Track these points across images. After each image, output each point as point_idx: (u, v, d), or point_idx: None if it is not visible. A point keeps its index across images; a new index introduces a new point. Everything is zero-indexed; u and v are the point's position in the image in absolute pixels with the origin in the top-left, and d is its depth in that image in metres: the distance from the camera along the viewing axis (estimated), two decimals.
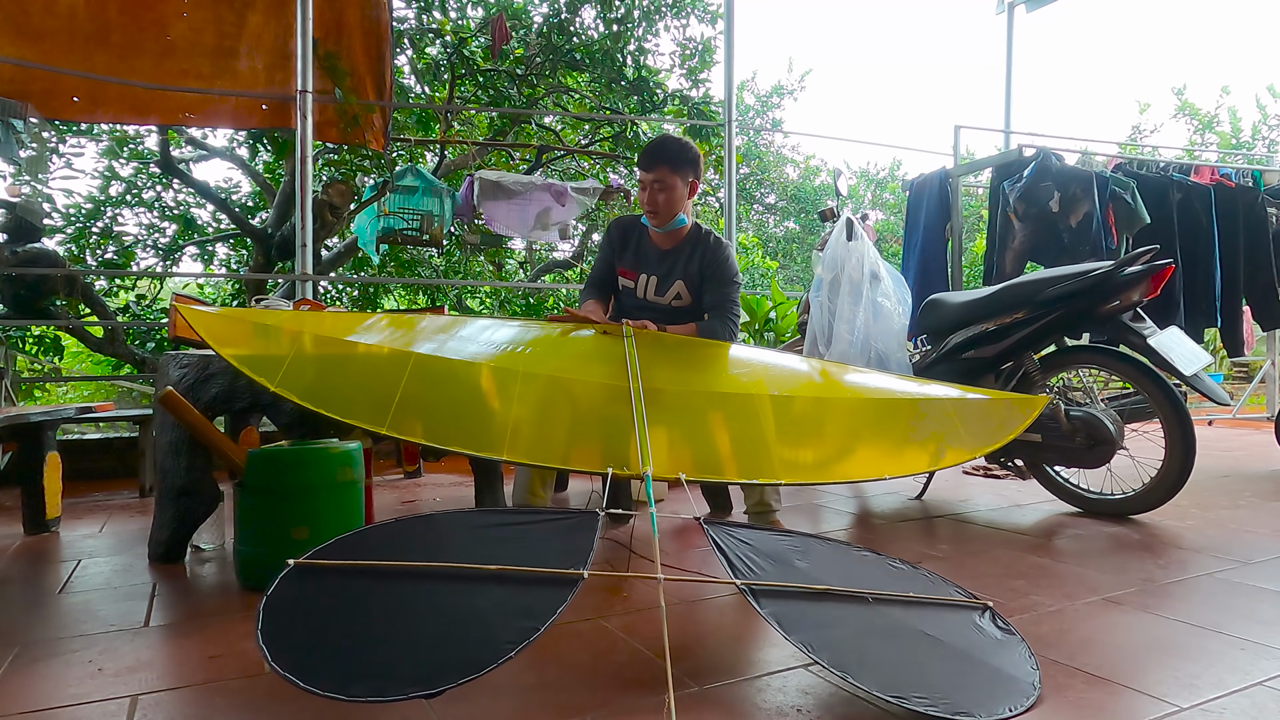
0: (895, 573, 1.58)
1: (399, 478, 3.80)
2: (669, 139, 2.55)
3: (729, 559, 1.42)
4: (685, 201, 2.50)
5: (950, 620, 1.46)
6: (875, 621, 1.39)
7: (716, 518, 2.78)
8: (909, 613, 1.45)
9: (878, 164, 15.52)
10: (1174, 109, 13.10)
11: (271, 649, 1.18)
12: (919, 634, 1.39)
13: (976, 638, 1.43)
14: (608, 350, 2.14)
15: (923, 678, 1.26)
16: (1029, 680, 1.32)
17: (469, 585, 1.33)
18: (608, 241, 2.68)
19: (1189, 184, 4.43)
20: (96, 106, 4.21)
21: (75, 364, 8.15)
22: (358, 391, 1.86)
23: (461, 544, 1.44)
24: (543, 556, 1.38)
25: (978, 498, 3.13)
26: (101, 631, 1.70)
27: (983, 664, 1.35)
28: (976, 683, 1.29)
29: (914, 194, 5.01)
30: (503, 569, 1.34)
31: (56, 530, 2.70)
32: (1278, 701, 1.30)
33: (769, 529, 1.65)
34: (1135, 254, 2.62)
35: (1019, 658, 1.39)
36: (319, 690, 1.11)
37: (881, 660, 1.30)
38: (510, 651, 1.18)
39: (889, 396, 2.24)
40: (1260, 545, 2.33)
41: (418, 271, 7.29)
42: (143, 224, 6.73)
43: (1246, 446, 4.58)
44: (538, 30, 6.13)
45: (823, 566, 1.51)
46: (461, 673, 1.15)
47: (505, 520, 1.54)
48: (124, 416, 3.61)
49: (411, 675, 1.16)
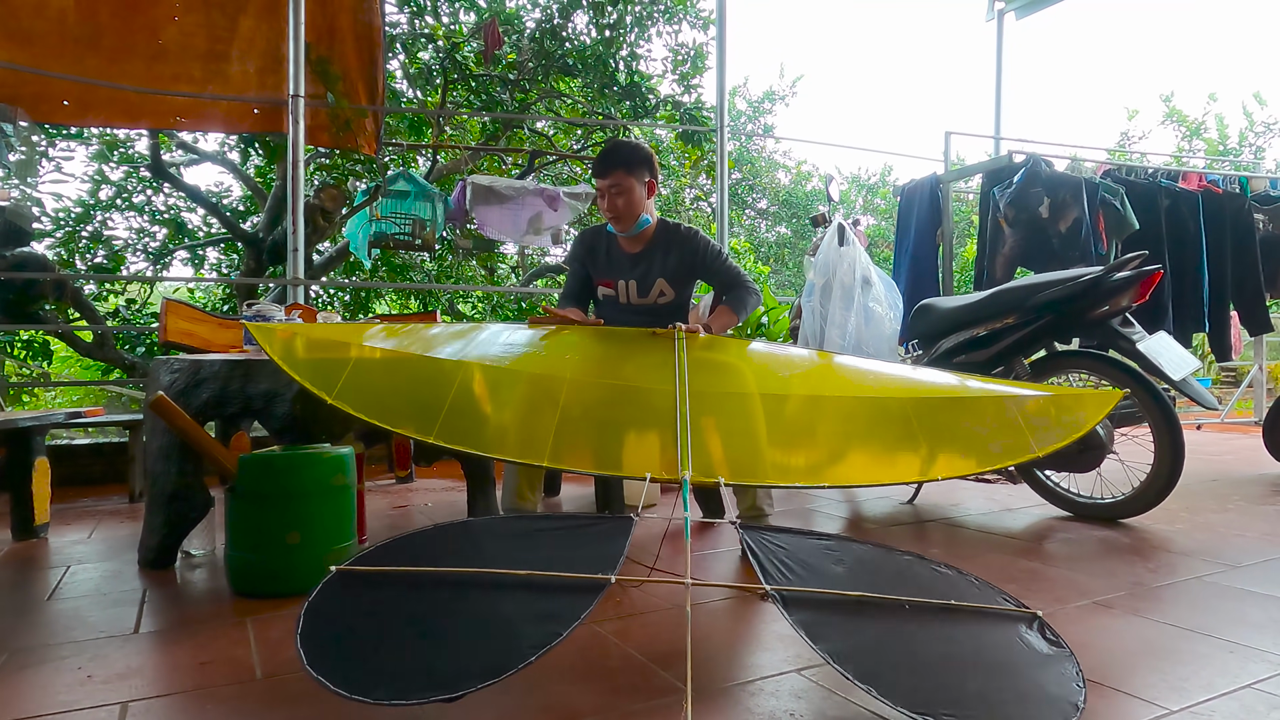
0: (939, 578, 1.51)
1: (391, 483, 3.79)
2: (619, 142, 2.55)
3: (761, 563, 1.41)
4: (646, 202, 2.50)
5: (994, 630, 1.38)
6: (910, 631, 1.34)
7: (707, 521, 2.78)
8: (949, 621, 1.37)
9: (869, 170, 15.54)
10: (1162, 116, 13.20)
11: (307, 651, 1.22)
12: (957, 645, 1.33)
13: (1020, 650, 1.34)
14: (653, 355, 2.16)
15: (955, 693, 1.21)
16: (1071, 700, 1.22)
17: (498, 590, 1.36)
18: (576, 255, 2.67)
19: (1177, 190, 4.47)
20: (87, 110, 4.19)
21: (64, 369, 8.10)
22: (408, 402, 1.92)
23: (496, 550, 1.48)
24: (573, 561, 1.40)
25: (969, 502, 3.14)
26: (91, 638, 1.69)
27: (1023, 680, 1.27)
28: (1014, 700, 1.22)
29: (905, 199, 5.03)
30: (531, 574, 1.37)
31: (45, 536, 2.68)
32: (1266, 704, 1.31)
33: (807, 532, 1.62)
34: (1124, 260, 2.64)
35: (1065, 674, 1.29)
36: (345, 692, 1.15)
37: (912, 673, 1.25)
38: (531, 656, 1.20)
39: (950, 394, 2.13)
40: (1249, 549, 2.35)
41: (410, 276, 7.28)
42: (133, 228, 6.70)
43: (1235, 451, 4.61)
44: (530, 35, 6.14)
45: (860, 571, 1.47)
46: (482, 677, 1.18)
47: (541, 526, 1.56)
48: (114, 421, 3.59)
49: (433, 679, 1.19)
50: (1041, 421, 1.99)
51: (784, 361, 2.37)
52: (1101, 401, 2.05)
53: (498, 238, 5.03)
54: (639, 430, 1.92)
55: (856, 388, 2.21)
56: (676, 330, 2.23)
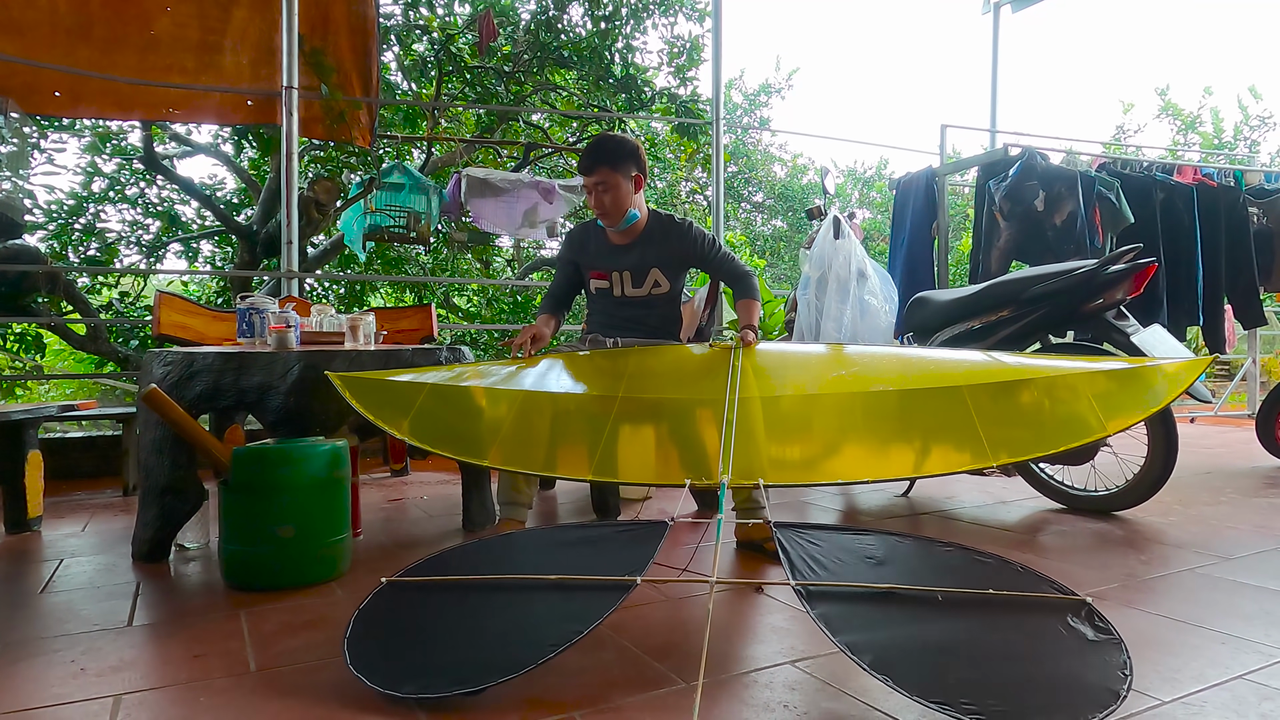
0: (980, 568, 1.48)
1: (386, 476, 3.79)
2: (604, 138, 2.54)
3: (791, 560, 1.43)
4: (633, 196, 2.49)
5: (1035, 618, 1.35)
6: (941, 621, 1.33)
7: (704, 516, 2.78)
8: (986, 611, 1.36)
9: (865, 163, 15.53)
10: (1157, 109, 13.23)
11: (351, 652, 1.37)
12: (990, 634, 1.31)
13: (1062, 638, 1.30)
14: (705, 364, 2.26)
15: (979, 682, 1.20)
16: (1112, 688, 1.18)
17: (530, 594, 1.47)
18: (565, 255, 2.67)
19: (1172, 184, 4.46)
20: (79, 101, 4.16)
21: (57, 362, 8.06)
22: (466, 432, 2.08)
23: (533, 557, 1.61)
24: (605, 565, 1.49)
25: (963, 495, 3.15)
26: (84, 631, 1.69)
27: (1060, 668, 1.25)
28: (1045, 689, 1.20)
29: (901, 193, 5.03)
30: (562, 578, 1.47)
31: (38, 529, 2.67)
32: (1258, 695, 1.31)
33: (845, 528, 1.63)
34: (1118, 253, 2.65)
35: (1109, 662, 1.24)
36: (378, 687, 1.29)
37: (933, 663, 1.24)
38: (551, 653, 1.28)
39: (1007, 377, 2.03)
40: (1241, 541, 2.36)
41: (404, 269, 7.25)
42: (126, 220, 6.65)
43: (1228, 444, 4.63)
44: (525, 27, 6.11)
45: (895, 565, 1.48)
46: (503, 671, 1.28)
47: (579, 534, 1.69)
48: (107, 415, 3.58)
49: (457, 675, 1.30)
50: (1109, 397, 1.90)
51: (834, 360, 2.36)
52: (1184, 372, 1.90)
53: (493, 230, 5.02)
54: (680, 438, 2.03)
55: (907, 380, 2.16)
56: (736, 340, 2.29)
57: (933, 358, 2.34)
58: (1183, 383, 1.86)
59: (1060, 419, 1.88)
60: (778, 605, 1.82)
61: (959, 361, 2.24)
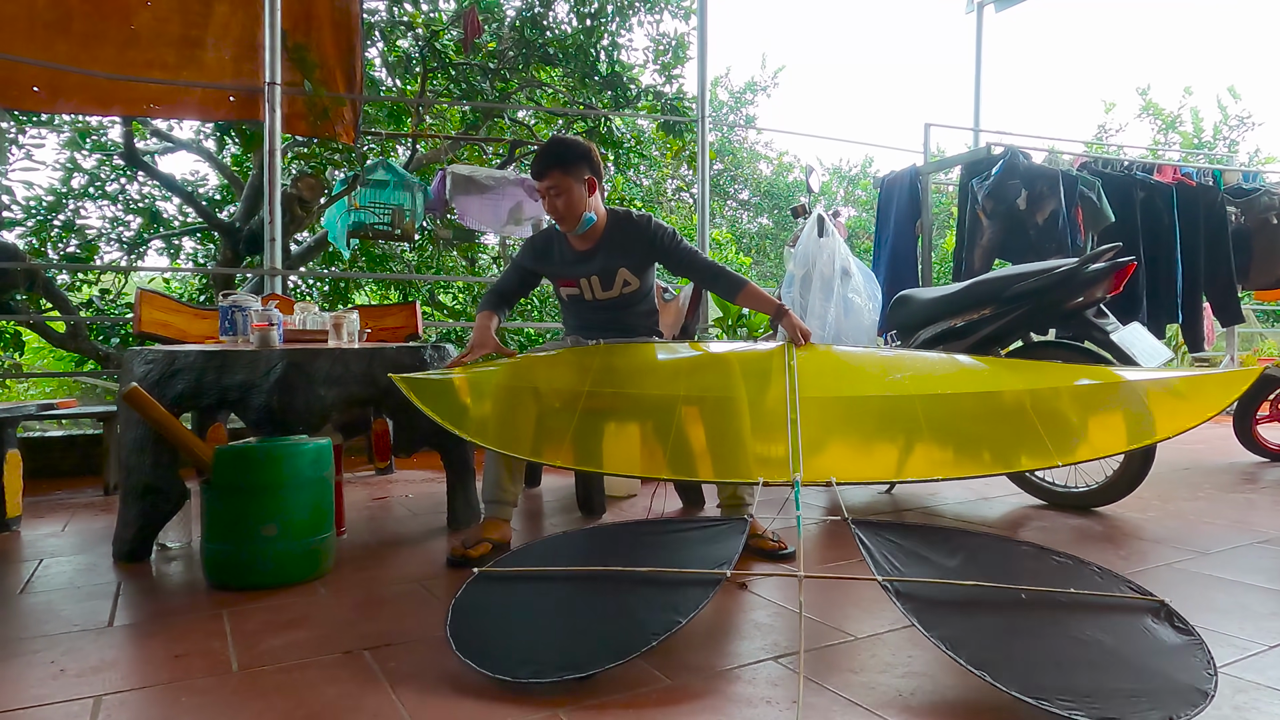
0: (1058, 568, 1.51)
1: (370, 474, 3.77)
2: (556, 141, 2.47)
3: (874, 556, 1.46)
4: (588, 199, 2.43)
5: (1116, 619, 1.37)
6: (1026, 620, 1.35)
7: (690, 513, 2.79)
8: (1067, 611, 1.38)
9: (850, 161, 15.57)
10: (1138, 109, 13.37)
11: (455, 640, 1.42)
12: (1075, 633, 1.33)
13: (1145, 639, 1.33)
14: (760, 365, 2.31)
15: (1071, 680, 1.21)
16: (1200, 687, 1.21)
17: (622, 585, 1.52)
18: (527, 259, 2.61)
19: (1152, 183, 4.51)
20: (57, 96, 4.10)
21: (37, 360, 7.97)
22: (529, 431, 2.14)
23: (620, 551, 1.65)
24: (691, 559, 1.56)
25: (946, 491, 3.17)
26: (64, 632, 1.67)
27: (1146, 668, 1.26)
28: (1135, 688, 1.21)
29: (885, 191, 5.05)
30: (653, 571, 1.52)
31: (17, 529, 2.64)
32: (1232, 687, 1.34)
33: (919, 526, 1.64)
34: (1098, 251, 2.67)
35: (1193, 662, 1.27)
36: (492, 673, 1.33)
37: (1026, 660, 1.26)
38: (653, 641, 1.34)
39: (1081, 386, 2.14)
40: (1218, 536, 2.39)
41: (389, 266, 7.21)
42: (106, 217, 6.58)
43: (1206, 440, 4.68)
44: (510, 24, 6.09)
45: (975, 562, 1.50)
46: (613, 657, 1.33)
47: (662, 529, 1.77)
48: (88, 413, 3.54)
49: (566, 661, 1.35)
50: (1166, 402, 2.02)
51: (889, 363, 2.40)
52: (1237, 380, 2.00)
53: (478, 228, 5.00)
54: (748, 436, 2.08)
55: (972, 384, 2.25)
56: (789, 343, 2.33)
57: (971, 365, 2.40)
58: (1237, 388, 1.96)
59: (1127, 420, 1.99)
60: (761, 602, 1.83)
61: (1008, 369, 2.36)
